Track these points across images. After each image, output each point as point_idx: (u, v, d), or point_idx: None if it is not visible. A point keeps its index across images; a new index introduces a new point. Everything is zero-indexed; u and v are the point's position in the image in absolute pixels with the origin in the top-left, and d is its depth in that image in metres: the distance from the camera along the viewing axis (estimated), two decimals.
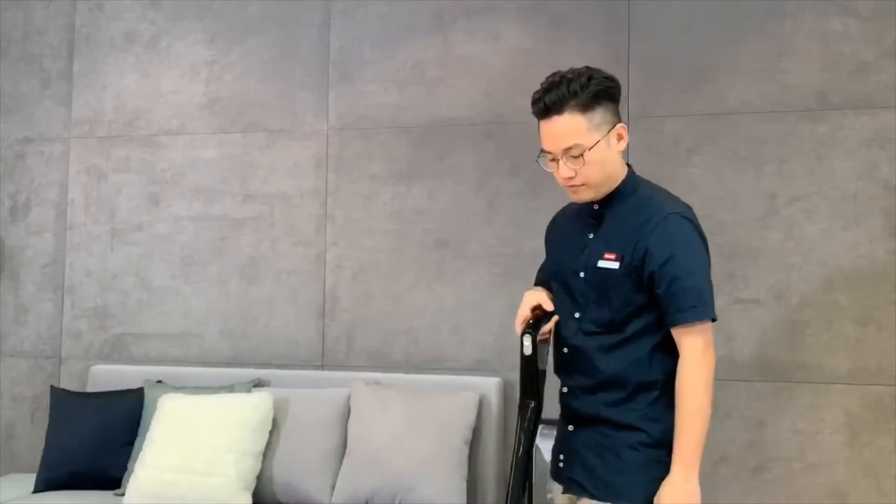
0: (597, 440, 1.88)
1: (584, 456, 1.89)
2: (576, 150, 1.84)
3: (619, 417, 1.85)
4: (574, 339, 1.92)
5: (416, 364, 3.29)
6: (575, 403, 1.92)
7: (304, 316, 3.42)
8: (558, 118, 1.85)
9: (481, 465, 3.01)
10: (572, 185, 1.89)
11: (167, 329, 3.56)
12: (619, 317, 1.86)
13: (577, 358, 1.91)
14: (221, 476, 2.83)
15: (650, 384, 1.85)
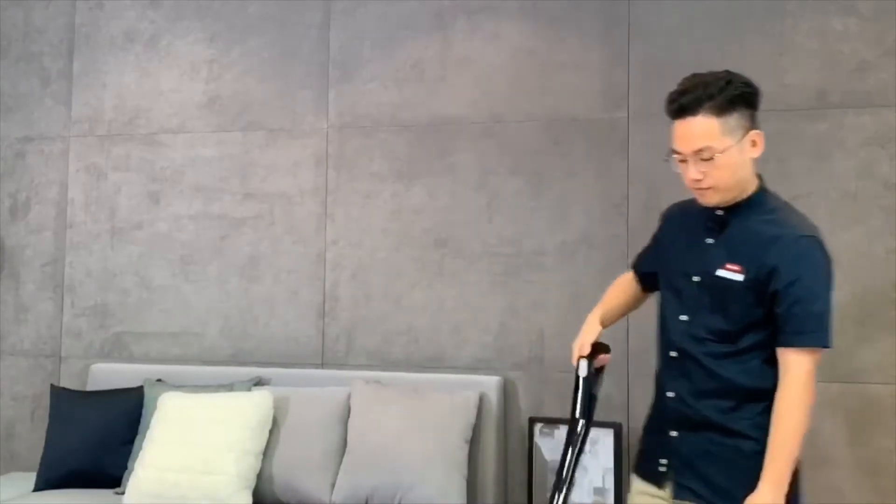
0: (706, 447, 1.87)
1: (696, 463, 1.88)
2: (707, 152, 1.82)
3: (730, 424, 1.85)
4: (682, 343, 1.92)
5: (415, 363, 3.29)
6: (682, 408, 1.91)
7: (304, 315, 3.42)
8: (692, 119, 1.84)
9: (481, 464, 3.01)
10: (699, 188, 1.87)
11: (167, 328, 3.56)
12: (734, 328, 1.85)
13: (687, 362, 1.91)
14: (221, 475, 2.83)
15: (761, 393, 1.84)
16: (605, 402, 3.10)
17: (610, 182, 3.16)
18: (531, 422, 3.10)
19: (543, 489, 3.03)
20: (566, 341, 3.14)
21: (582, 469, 2.97)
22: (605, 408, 3.09)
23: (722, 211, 1.90)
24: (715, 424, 1.86)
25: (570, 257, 3.18)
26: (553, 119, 3.23)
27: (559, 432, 3.04)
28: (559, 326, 3.17)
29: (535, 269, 3.21)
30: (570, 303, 3.17)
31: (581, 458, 1.98)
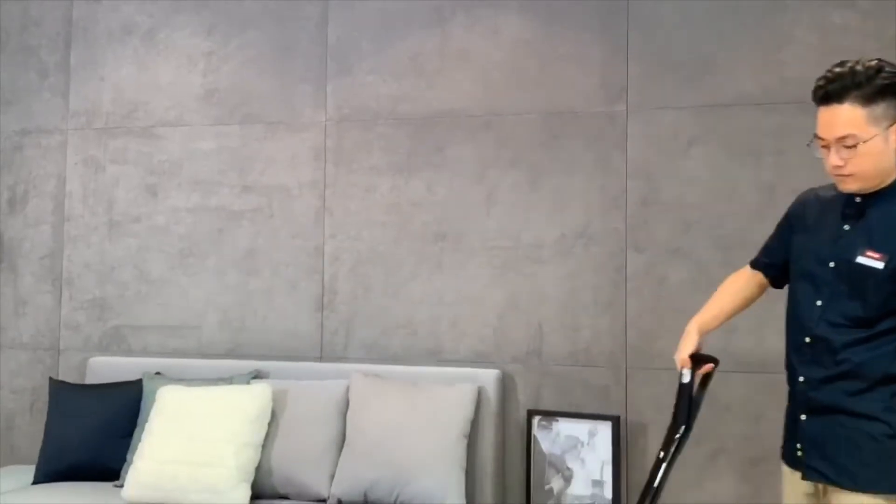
0: (835, 430, 1.89)
1: (824, 446, 1.91)
2: (850, 140, 1.82)
3: (860, 408, 1.86)
4: (818, 329, 1.92)
5: (414, 356, 3.29)
6: (812, 393, 1.93)
7: (302, 308, 3.42)
8: (838, 107, 1.83)
9: (479, 457, 3.01)
10: (840, 174, 1.88)
11: (165, 321, 3.56)
12: (872, 314, 1.86)
13: (820, 348, 1.92)
14: (221, 467, 2.84)
15: (892, 377, 1.85)
16: (602, 395, 3.13)
17: (608, 175, 3.15)
18: (529, 415, 3.10)
19: (542, 482, 3.04)
20: (564, 335, 3.17)
21: (579, 462, 2.98)
22: (603, 401, 3.12)
23: (860, 198, 1.91)
24: (845, 409, 1.88)
25: (568, 251, 3.18)
26: (552, 112, 3.23)
27: (557, 425, 3.04)
28: (558, 320, 3.18)
29: (533, 263, 3.21)
30: (568, 296, 3.17)
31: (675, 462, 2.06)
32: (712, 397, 3.03)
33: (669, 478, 2.12)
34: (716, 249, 3.04)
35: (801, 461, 1.96)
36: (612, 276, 3.13)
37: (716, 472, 2.98)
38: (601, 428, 2.97)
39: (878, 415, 1.85)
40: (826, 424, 1.91)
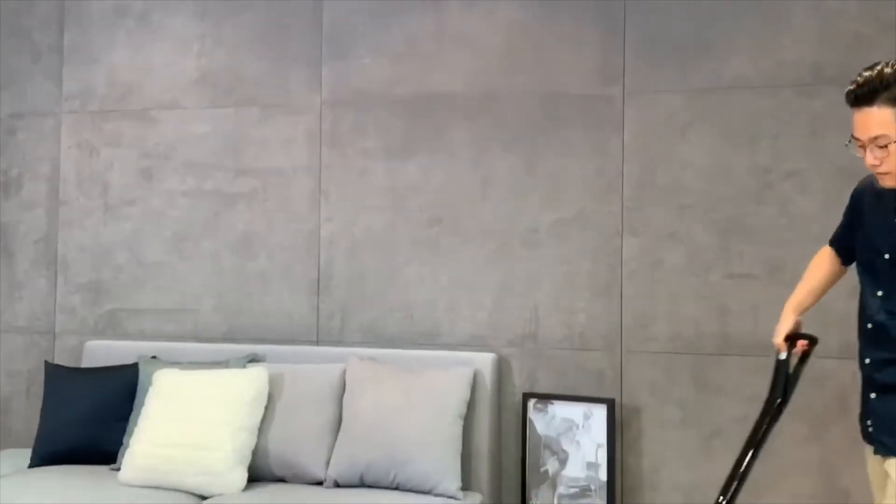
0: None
1: (888, 421, 2.01)
2: (882, 140, 1.89)
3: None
4: (878, 317, 2.03)
5: (410, 340, 3.30)
6: (877, 374, 2.04)
7: (298, 292, 3.42)
8: (868, 109, 1.90)
9: (475, 440, 3.03)
10: (877, 173, 1.96)
11: (161, 304, 3.56)
12: None
13: (880, 334, 2.03)
14: (217, 450, 2.85)
15: None
16: (597, 378, 3.15)
17: (605, 159, 3.15)
18: (525, 397, 3.12)
19: (537, 464, 3.05)
20: (560, 318, 3.18)
21: (575, 444, 3.00)
22: (598, 383, 3.13)
23: None
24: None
25: (564, 234, 3.18)
26: (548, 95, 3.22)
27: (553, 408, 3.06)
28: (553, 303, 3.18)
29: (529, 247, 3.21)
30: (564, 280, 3.17)
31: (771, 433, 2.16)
32: (707, 380, 3.07)
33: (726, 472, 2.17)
34: (711, 233, 3.04)
35: (872, 437, 2.08)
36: (608, 260, 3.13)
37: (710, 454, 3.00)
38: (596, 411, 2.99)
39: None
40: (890, 402, 2.02)
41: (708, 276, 3.05)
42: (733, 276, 3.01)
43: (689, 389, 3.03)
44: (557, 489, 3.00)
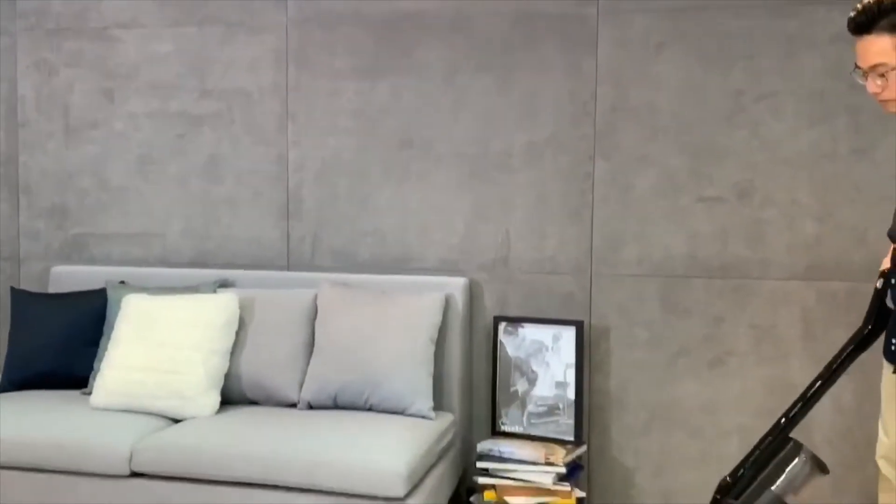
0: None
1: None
2: (881, 68, 1.90)
3: None
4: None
5: (382, 265, 3.29)
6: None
7: (267, 216, 3.38)
8: (867, 37, 1.90)
9: (447, 362, 3.06)
10: (879, 100, 1.98)
11: (128, 229, 3.50)
12: None
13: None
14: (189, 374, 2.85)
15: None
16: (567, 301, 3.18)
17: (578, 80, 3.10)
18: (496, 321, 3.14)
19: (507, 384, 3.11)
20: (532, 242, 3.18)
21: (544, 365, 3.05)
22: (567, 306, 3.16)
23: None
24: None
25: (537, 158, 3.15)
26: (521, 14, 3.14)
27: (523, 330, 3.09)
28: (525, 228, 3.18)
29: (501, 170, 3.19)
30: (536, 204, 3.16)
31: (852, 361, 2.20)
32: (674, 302, 3.11)
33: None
34: (683, 156, 3.04)
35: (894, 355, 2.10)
36: (580, 184, 3.12)
37: (675, 373, 3.07)
38: (565, 332, 3.02)
39: None
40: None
41: (678, 199, 3.05)
42: (703, 200, 3.02)
43: (657, 311, 3.08)
44: (527, 408, 3.06)
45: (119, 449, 2.61)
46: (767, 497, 2.23)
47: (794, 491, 2.23)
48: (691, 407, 3.05)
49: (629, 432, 3.11)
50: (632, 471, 3.11)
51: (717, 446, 3.03)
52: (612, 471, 3.13)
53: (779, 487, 2.21)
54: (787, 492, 2.22)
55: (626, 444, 3.11)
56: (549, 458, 2.85)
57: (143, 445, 2.61)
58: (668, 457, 3.08)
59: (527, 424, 3.05)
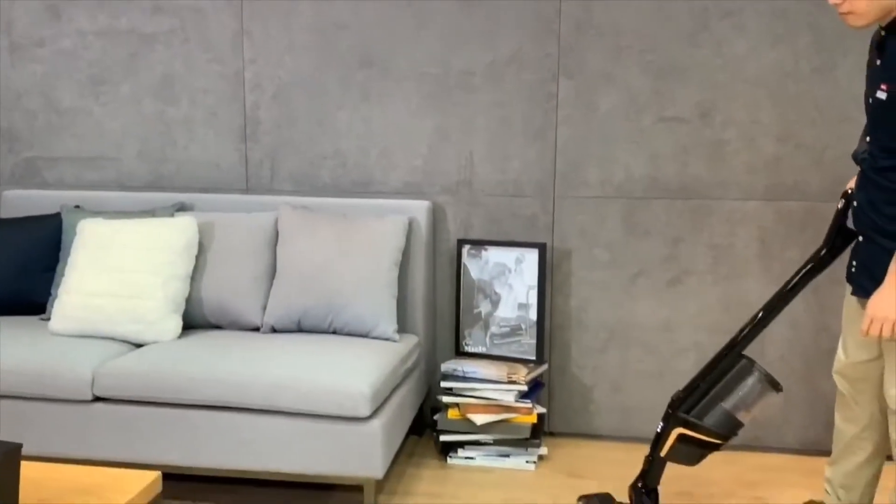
0: (876, 252, 2.05)
1: (870, 265, 2.08)
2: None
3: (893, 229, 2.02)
4: (865, 159, 2.08)
5: (343, 188, 3.26)
6: (862, 216, 2.11)
7: (224, 138, 3.30)
8: None
9: (410, 286, 3.07)
10: (840, 13, 1.96)
11: (81, 152, 3.40)
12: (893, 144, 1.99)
13: (867, 177, 2.08)
14: (149, 299, 2.82)
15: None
16: (530, 223, 3.18)
17: None
18: (459, 244, 3.15)
19: (470, 306, 3.14)
20: (495, 164, 3.16)
21: (507, 287, 3.07)
22: (530, 228, 3.17)
23: (884, 31, 1.99)
24: (881, 230, 2.04)
25: (499, 77, 3.10)
26: None
27: (486, 253, 3.10)
28: (488, 149, 3.15)
29: (464, 90, 3.14)
30: (499, 125, 3.13)
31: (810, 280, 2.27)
32: (635, 223, 3.13)
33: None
34: (646, 76, 3.01)
35: (853, 276, 2.16)
36: (543, 104, 3.09)
37: (635, 293, 3.12)
38: (528, 255, 3.04)
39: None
40: (871, 247, 2.08)
41: (640, 120, 3.04)
42: (665, 120, 3.02)
43: (618, 232, 3.10)
44: (489, 329, 3.10)
45: (81, 374, 2.60)
46: (719, 412, 2.31)
47: (745, 408, 2.30)
48: (649, 325, 3.12)
49: (589, 351, 3.18)
50: (591, 388, 3.19)
51: (674, 363, 3.11)
52: (572, 388, 3.21)
53: (730, 403, 2.29)
54: (738, 408, 2.29)
55: (586, 363, 3.18)
56: (511, 376, 2.91)
57: (105, 370, 2.61)
58: (626, 374, 3.16)
59: (490, 345, 3.10)
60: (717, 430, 2.30)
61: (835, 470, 2.39)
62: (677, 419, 2.35)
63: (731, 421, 2.30)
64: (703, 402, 2.32)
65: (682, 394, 2.34)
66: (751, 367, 2.29)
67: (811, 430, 3.06)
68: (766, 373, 2.29)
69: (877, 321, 1.95)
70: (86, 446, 2.60)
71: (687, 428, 2.33)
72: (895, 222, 2.02)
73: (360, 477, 2.50)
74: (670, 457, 2.39)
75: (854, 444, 2.32)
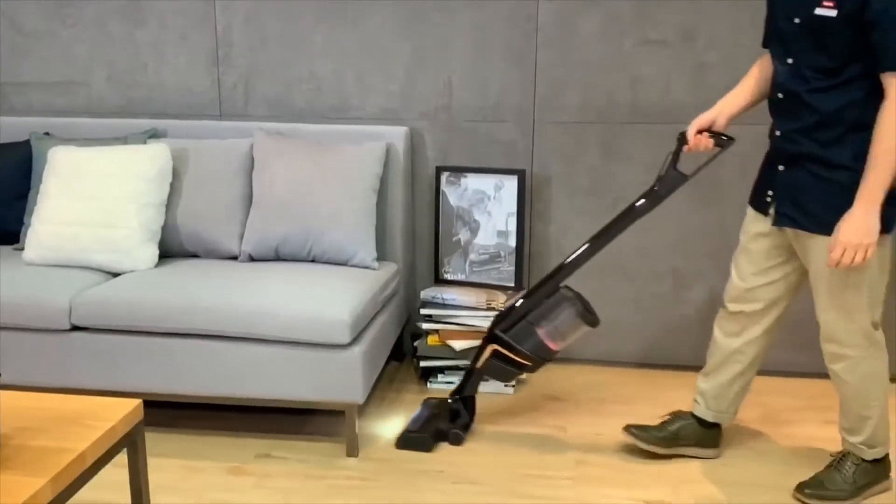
0: (808, 179, 2.04)
1: (796, 194, 2.07)
2: None
3: (831, 157, 2.00)
4: (789, 84, 2.04)
5: (319, 113, 3.20)
6: (787, 145, 2.09)
7: (196, 62, 3.21)
8: None
9: (389, 213, 3.05)
10: None
11: (48, 77, 3.30)
12: (836, 63, 1.95)
13: (791, 101, 2.04)
14: (124, 227, 2.79)
15: (864, 125, 1.95)
16: (509, 150, 3.16)
17: None
18: (438, 171, 3.12)
19: (450, 233, 3.13)
20: (474, 90, 3.11)
21: (486, 214, 3.07)
22: (509, 155, 3.15)
23: None
24: (817, 157, 2.03)
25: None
26: None
27: (465, 180, 3.08)
28: (467, 74, 3.09)
29: (442, 12, 3.06)
30: (477, 49, 3.06)
31: (644, 213, 2.35)
32: (615, 148, 3.11)
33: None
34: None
35: (771, 206, 2.17)
36: (523, 27, 3.02)
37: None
38: (507, 182, 3.02)
39: (848, 163, 1.99)
40: (801, 175, 2.07)
41: (622, 43, 2.99)
42: (647, 43, 2.97)
43: (598, 158, 3.09)
44: (469, 256, 3.11)
45: (57, 303, 2.58)
46: (532, 337, 2.40)
47: (560, 336, 2.41)
48: (627, 251, 3.14)
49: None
50: None
51: (651, 288, 3.15)
52: None
53: (544, 331, 2.39)
54: (552, 336, 2.38)
55: None
56: (490, 303, 2.93)
57: (82, 299, 2.59)
58: (603, 299, 3.20)
59: (469, 272, 3.11)
60: (528, 352, 2.42)
61: (708, 381, 2.47)
62: (493, 337, 2.46)
63: (542, 347, 2.41)
64: (520, 324, 2.42)
65: (503, 313, 2.44)
66: (565, 299, 2.37)
67: (791, 352, 3.13)
68: (583, 308, 2.37)
69: (850, 248, 1.97)
70: (65, 375, 2.61)
71: (500, 346, 2.45)
72: (832, 148, 2.01)
73: (341, 402, 2.53)
74: (485, 371, 2.53)
75: (732, 357, 2.40)
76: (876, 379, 2.19)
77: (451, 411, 2.64)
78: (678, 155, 2.30)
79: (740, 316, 2.34)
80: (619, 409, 2.87)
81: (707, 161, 2.38)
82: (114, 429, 1.73)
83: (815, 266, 2.11)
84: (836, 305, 2.11)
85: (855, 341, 2.13)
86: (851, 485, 2.26)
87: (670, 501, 2.29)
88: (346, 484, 2.39)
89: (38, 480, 1.50)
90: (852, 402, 2.23)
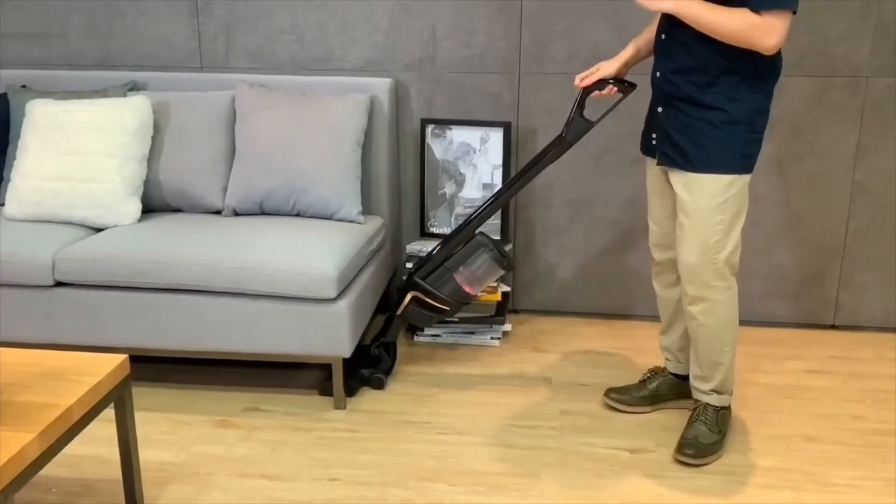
0: (683, 120, 2.12)
1: (672, 134, 2.15)
2: None
3: (705, 98, 2.07)
4: (669, 26, 2.11)
5: (301, 64, 3.15)
6: (665, 86, 2.14)
7: (175, 12, 3.14)
8: None
9: (374, 166, 3.03)
10: None
11: (23, 28, 3.22)
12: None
13: (671, 44, 2.11)
14: (106, 182, 2.76)
15: (735, 69, 2.03)
16: (495, 102, 3.13)
17: None
18: (423, 123, 3.09)
19: (435, 187, 3.12)
20: (458, 40, 3.07)
21: (472, 167, 3.05)
22: (495, 107, 3.12)
23: None
24: (692, 99, 2.08)
25: None
26: None
27: (451, 133, 3.06)
28: (451, 24, 3.05)
29: None
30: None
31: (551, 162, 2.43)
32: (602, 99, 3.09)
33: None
34: None
35: (656, 148, 2.22)
36: None
37: (600, 171, 3.12)
38: (493, 134, 3.01)
39: (720, 104, 2.06)
40: (677, 115, 2.13)
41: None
42: None
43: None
44: (454, 210, 3.10)
45: (40, 259, 2.56)
46: (449, 282, 2.50)
47: (476, 281, 2.51)
48: (613, 203, 3.14)
49: (553, 229, 3.20)
50: (554, 265, 3.24)
51: (637, 239, 3.16)
52: (536, 266, 3.25)
53: (461, 276, 2.48)
54: (469, 281, 2.49)
55: (550, 241, 3.22)
56: None
57: (65, 255, 2.57)
58: (589, 251, 3.21)
59: (455, 225, 3.10)
60: (446, 297, 2.50)
61: (668, 337, 2.53)
62: (412, 283, 2.54)
63: (460, 292, 2.50)
64: (438, 270, 2.51)
65: (422, 261, 2.52)
66: (485, 244, 2.45)
67: (768, 302, 3.16)
68: (498, 251, 2.45)
69: None
70: (50, 331, 2.60)
71: (419, 292, 2.53)
72: (706, 90, 2.05)
73: (327, 356, 2.54)
74: (405, 316, 2.62)
75: (679, 308, 2.42)
76: (730, 323, 2.25)
77: (372, 357, 2.72)
78: (584, 102, 2.34)
79: (669, 264, 2.38)
80: (604, 359, 2.90)
81: (611, 107, 2.40)
82: (100, 384, 1.73)
83: (685, 205, 2.14)
84: (700, 246, 2.14)
85: (715, 283, 2.17)
86: (718, 434, 2.31)
87: (654, 449, 2.34)
88: (334, 436, 2.42)
89: (26, 435, 1.51)
90: (707, 346, 2.27)
